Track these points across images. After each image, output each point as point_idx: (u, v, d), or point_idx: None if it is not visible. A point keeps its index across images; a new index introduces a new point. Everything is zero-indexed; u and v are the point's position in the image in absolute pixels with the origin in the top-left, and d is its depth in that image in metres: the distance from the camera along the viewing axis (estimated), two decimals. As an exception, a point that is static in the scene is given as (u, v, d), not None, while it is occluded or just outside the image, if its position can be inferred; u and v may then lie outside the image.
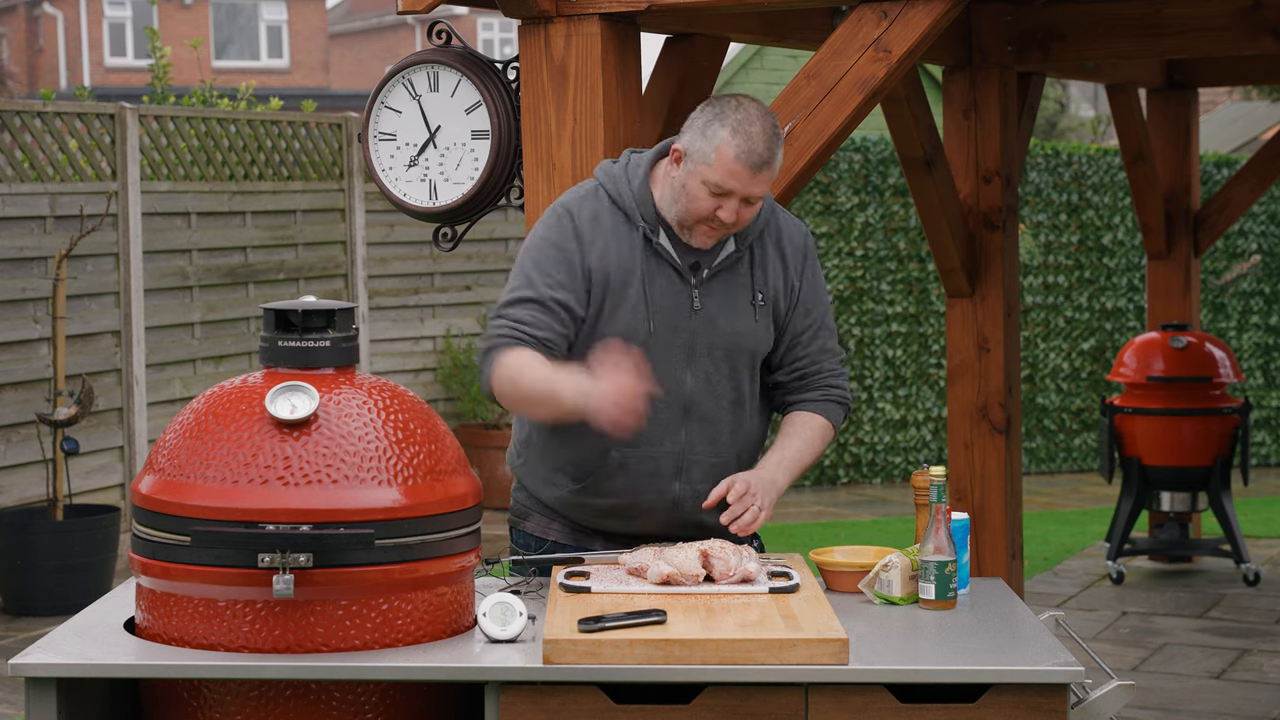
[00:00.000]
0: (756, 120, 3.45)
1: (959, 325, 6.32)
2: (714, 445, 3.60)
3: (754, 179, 3.44)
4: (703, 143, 3.47)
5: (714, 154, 3.44)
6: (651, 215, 3.55)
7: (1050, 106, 22.21)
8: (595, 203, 3.57)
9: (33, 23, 34.94)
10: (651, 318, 3.52)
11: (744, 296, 3.59)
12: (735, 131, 3.44)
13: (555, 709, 2.96)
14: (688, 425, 3.57)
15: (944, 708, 2.99)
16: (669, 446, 3.57)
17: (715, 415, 3.59)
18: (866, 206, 11.22)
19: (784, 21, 5.19)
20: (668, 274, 3.54)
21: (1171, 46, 6.27)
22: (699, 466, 3.59)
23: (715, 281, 3.57)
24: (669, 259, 3.55)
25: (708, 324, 3.56)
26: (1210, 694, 6.32)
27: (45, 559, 7.64)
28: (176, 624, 3.09)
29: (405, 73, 4.52)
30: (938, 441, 11.36)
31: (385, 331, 10.38)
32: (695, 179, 3.47)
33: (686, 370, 3.56)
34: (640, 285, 3.52)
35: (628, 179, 3.59)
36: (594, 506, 3.63)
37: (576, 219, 3.55)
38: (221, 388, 3.20)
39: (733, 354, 3.59)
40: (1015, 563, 6.34)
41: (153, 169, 8.88)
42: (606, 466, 3.57)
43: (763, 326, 3.61)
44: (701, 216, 3.49)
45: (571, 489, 3.63)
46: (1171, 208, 8.54)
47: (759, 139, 3.44)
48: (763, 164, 3.44)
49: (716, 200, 3.47)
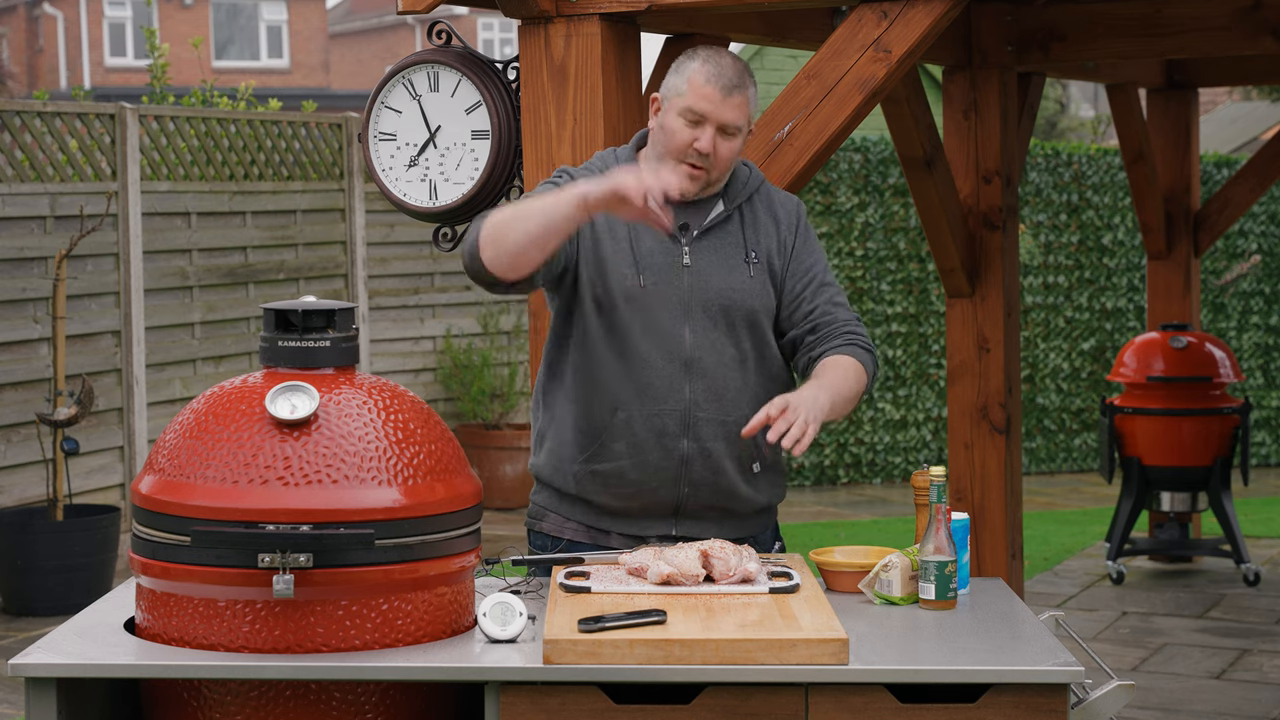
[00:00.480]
0: (725, 55, 3.59)
1: (959, 325, 6.33)
2: (720, 403, 3.61)
3: (725, 101, 3.54)
4: (675, 79, 3.59)
5: (685, 84, 3.56)
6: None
7: (1050, 106, 22.22)
8: (585, 173, 3.67)
9: (33, 23, 34.95)
10: (640, 272, 3.58)
11: (736, 254, 3.64)
12: (705, 61, 3.57)
13: (555, 709, 2.96)
14: (691, 382, 3.60)
15: (944, 708, 2.99)
16: (673, 404, 3.59)
17: (718, 372, 3.61)
18: (866, 206, 11.23)
19: (784, 21, 5.19)
20: (656, 233, 3.60)
21: (1171, 46, 6.27)
22: (706, 424, 3.60)
23: (705, 240, 3.63)
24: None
25: (700, 281, 3.61)
26: (1210, 694, 6.32)
27: (45, 559, 7.64)
28: (176, 624, 3.09)
29: (405, 73, 4.52)
30: (938, 441, 11.36)
31: (385, 331, 10.38)
32: (671, 113, 3.58)
33: (684, 326, 3.60)
34: (627, 242, 3.60)
35: (615, 156, 3.73)
36: (604, 475, 3.63)
37: (571, 173, 3.68)
38: (221, 388, 3.20)
39: (729, 311, 3.62)
40: (1015, 563, 6.34)
41: (153, 169, 8.88)
42: (613, 426, 3.60)
43: (758, 283, 3.65)
44: (681, 149, 3.56)
45: (581, 461, 3.64)
46: (1171, 208, 8.54)
47: (728, 66, 3.56)
48: (732, 87, 3.54)
49: (694, 131, 3.55)
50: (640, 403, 3.59)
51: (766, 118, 4.29)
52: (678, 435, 3.60)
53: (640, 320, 3.59)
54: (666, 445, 3.60)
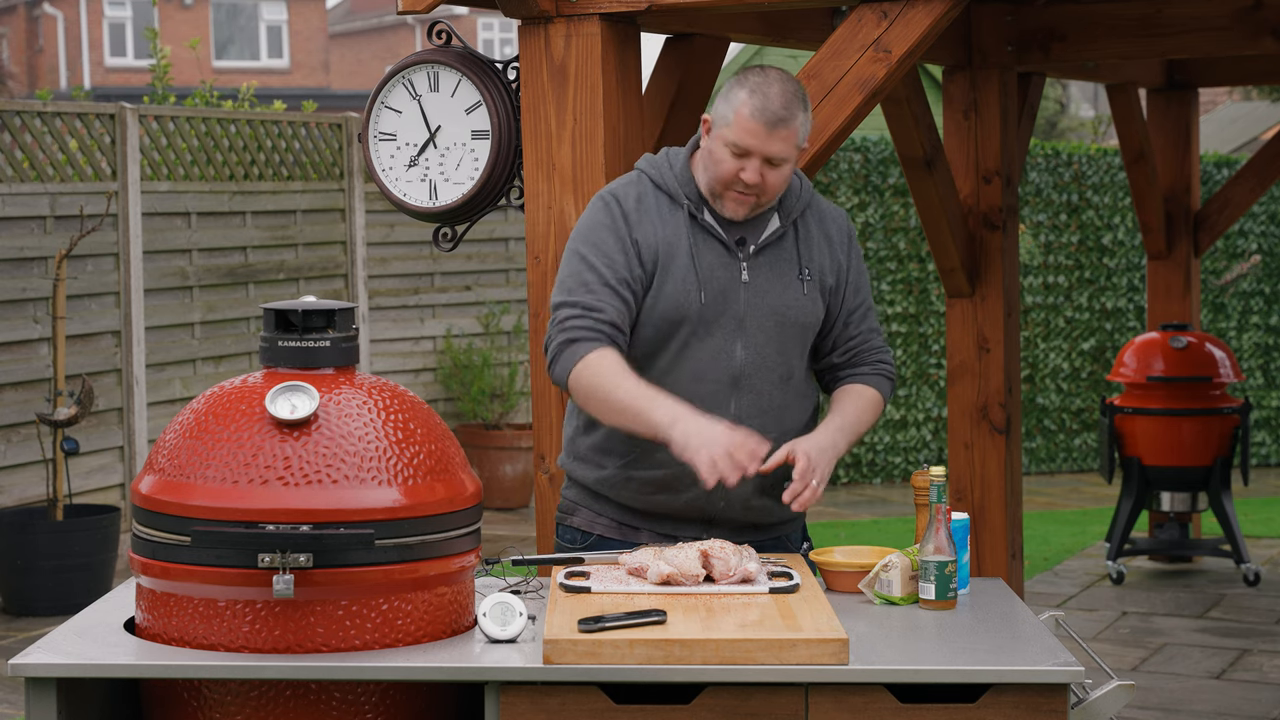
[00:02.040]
0: (775, 83, 3.53)
1: (959, 325, 6.33)
2: (763, 419, 3.60)
3: (770, 136, 3.50)
4: (724, 107, 3.55)
5: (732, 114, 3.53)
6: (694, 193, 3.63)
7: (1050, 106, 22.21)
8: (639, 187, 3.66)
9: (33, 23, 34.94)
10: (703, 288, 3.58)
11: (791, 271, 3.64)
12: (753, 92, 3.52)
13: (555, 709, 2.96)
14: (737, 398, 3.60)
15: (944, 708, 2.99)
16: (719, 418, 3.58)
17: (764, 389, 3.62)
18: (866, 206, 11.22)
19: (784, 21, 5.19)
20: (715, 248, 3.61)
21: (1171, 46, 6.27)
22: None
23: (762, 256, 3.63)
24: (715, 234, 3.61)
25: (758, 297, 3.61)
26: (1210, 694, 6.32)
27: (45, 559, 7.64)
28: (176, 624, 3.09)
29: (405, 73, 4.52)
30: (938, 441, 11.36)
31: (385, 331, 10.38)
32: (718, 142, 3.55)
33: (737, 342, 3.60)
34: (689, 258, 3.58)
35: (669, 163, 3.68)
36: (641, 480, 3.63)
37: (623, 202, 3.63)
38: (221, 388, 3.20)
39: (783, 327, 3.62)
40: (1015, 563, 6.34)
41: (153, 169, 8.88)
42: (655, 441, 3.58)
43: (811, 300, 3.65)
44: (726, 180, 3.55)
45: (618, 466, 3.64)
46: (1171, 208, 8.54)
47: (775, 98, 3.50)
48: (777, 121, 3.49)
49: (739, 162, 3.53)
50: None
51: (766, 118, 4.28)
52: None
53: (695, 335, 3.58)
54: None
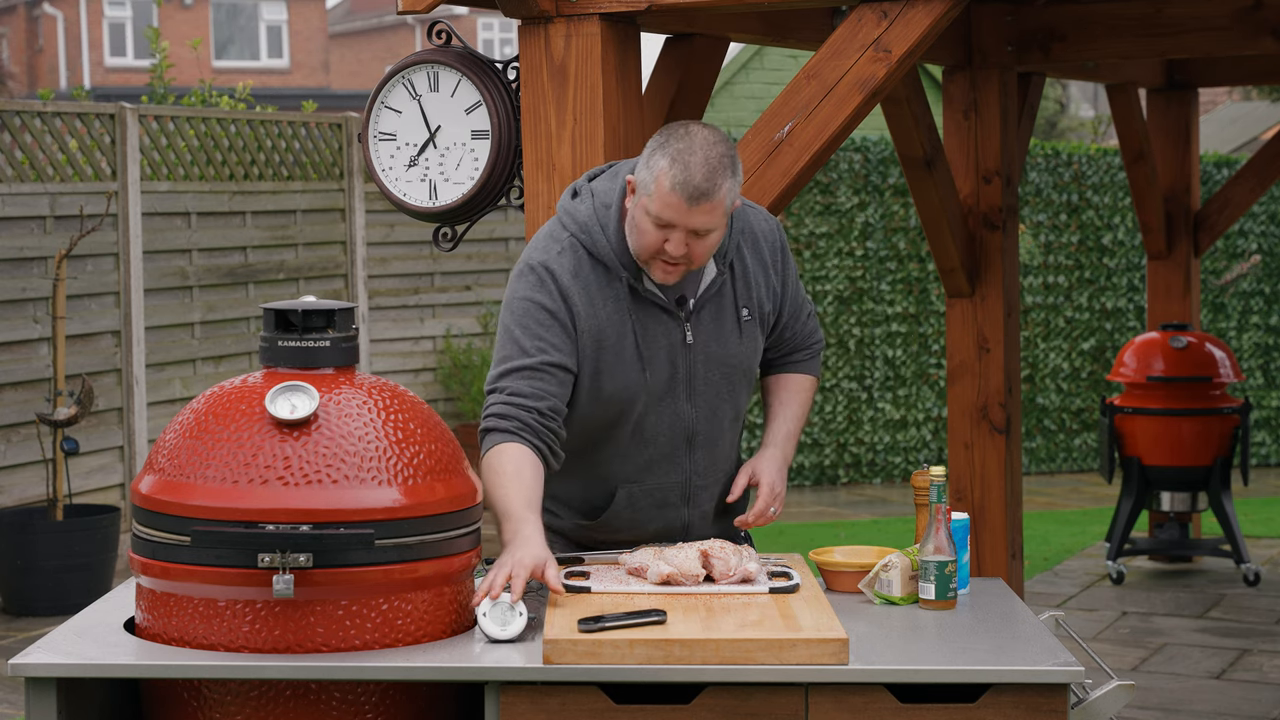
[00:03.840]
0: (699, 150, 3.31)
1: (959, 325, 6.32)
2: (715, 465, 3.62)
3: (690, 211, 3.30)
4: (645, 173, 3.35)
5: (653, 184, 3.32)
6: (631, 264, 3.45)
7: (1050, 106, 22.21)
8: (574, 257, 3.46)
9: (33, 23, 34.94)
10: (647, 367, 3.48)
11: (731, 316, 3.54)
12: (674, 161, 3.30)
13: (555, 709, 2.96)
14: (692, 454, 3.59)
15: (944, 708, 2.99)
16: (675, 477, 3.59)
17: (717, 438, 3.61)
18: (866, 206, 11.22)
19: (784, 21, 5.19)
20: (657, 317, 3.48)
21: (1171, 46, 6.27)
22: (704, 490, 3.62)
23: (703, 311, 3.52)
24: (656, 301, 3.47)
25: (702, 354, 3.53)
26: (1210, 694, 6.32)
27: (45, 559, 7.64)
28: (176, 624, 3.09)
29: (405, 73, 4.52)
30: (938, 441, 11.36)
31: (385, 331, 10.37)
32: (640, 210, 3.37)
33: (688, 403, 3.54)
34: (633, 337, 3.46)
35: (600, 226, 3.46)
36: (598, 538, 3.65)
37: (559, 279, 3.43)
38: (221, 388, 3.20)
39: (730, 376, 3.58)
40: (1015, 563, 6.34)
41: (153, 169, 8.88)
42: (614, 505, 3.59)
43: (751, 339, 3.59)
44: (651, 251, 3.38)
45: (578, 522, 3.64)
46: (1171, 208, 8.54)
47: (697, 169, 3.29)
48: (699, 195, 3.28)
49: (662, 233, 3.34)
50: (641, 480, 3.57)
51: (766, 117, 4.29)
52: (679, 505, 3.61)
53: (645, 408, 3.51)
54: (668, 515, 3.61)
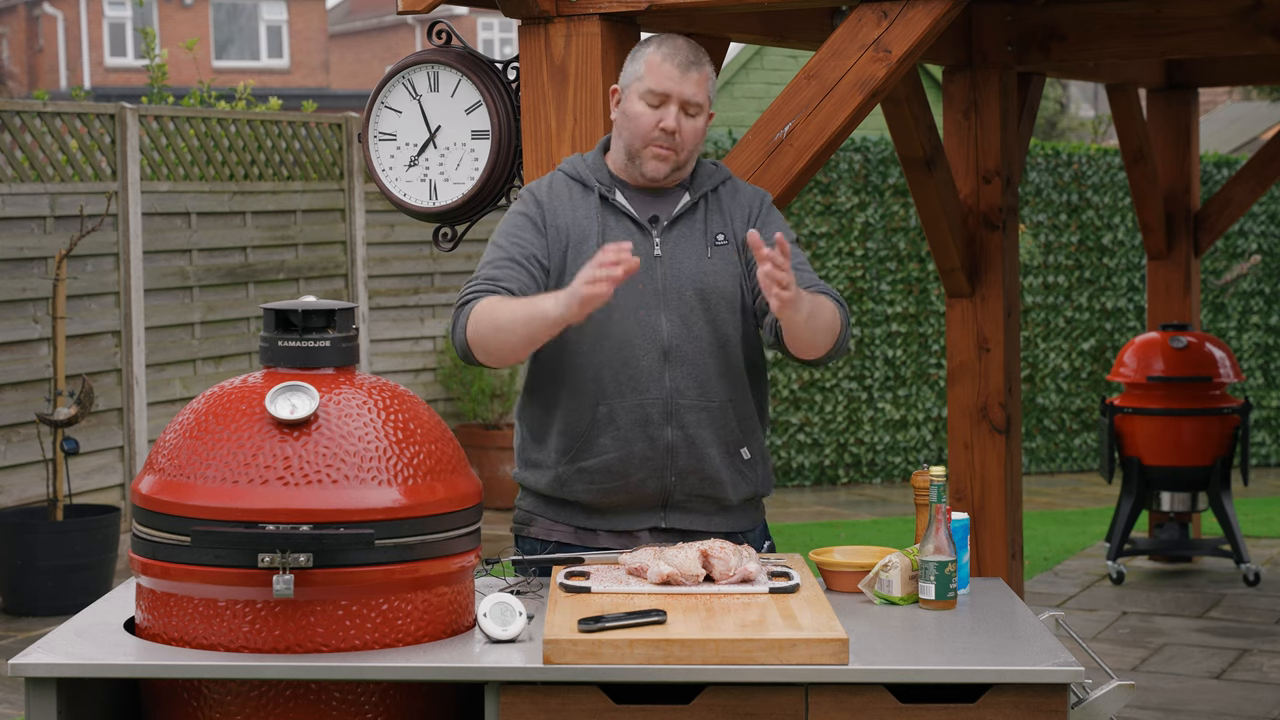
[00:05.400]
0: (679, 37, 3.69)
1: (959, 325, 6.32)
2: (702, 389, 3.65)
3: (684, 78, 3.62)
4: (631, 66, 3.69)
5: (644, 67, 3.65)
6: (606, 177, 3.72)
7: (1050, 106, 22.21)
8: (552, 179, 3.78)
9: (33, 23, 34.94)
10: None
11: (702, 240, 3.70)
12: (659, 43, 3.67)
13: (555, 709, 2.96)
14: (670, 369, 3.63)
15: (944, 708, 2.99)
16: (655, 393, 3.62)
17: (697, 358, 3.65)
18: (866, 206, 11.22)
19: (784, 21, 5.19)
20: (627, 227, 3.68)
21: (1171, 46, 6.27)
22: (689, 411, 3.63)
23: (675, 229, 3.70)
24: (627, 213, 3.69)
25: (673, 269, 3.66)
26: (1210, 694, 6.32)
27: (45, 559, 7.64)
28: (176, 624, 3.09)
29: (405, 73, 4.52)
30: (938, 441, 11.36)
31: (385, 331, 10.37)
32: (632, 98, 3.66)
33: (661, 315, 3.64)
34: (599, 238, 3.65)
35: (582, 158, 3.79)
36: (590, 470, 3.64)
37: (535, 191, 3.75)
38: (221, 388, 3.20)
39: (704, 295, 3.66)
40: (1015, 563, 6.34)
41: (153, 169, 8.88)
42: (597, 421, 3.62)
43: (727, 265, 3.69)
44: (646, 133, 3.63)
45: (566, 462, 3.66)
46: (1171, 208, 8.54)
47: (682, 45, 3.66)
48: (689, 63, 3.63)
49: (657, 113, 3.63)
50: (621, 395, 3.62)
51: (766, 117, 4.29)
52: (661, 424, 3.62)
53: (616, 313, 3.61)
54: (651, 434, 3.62)
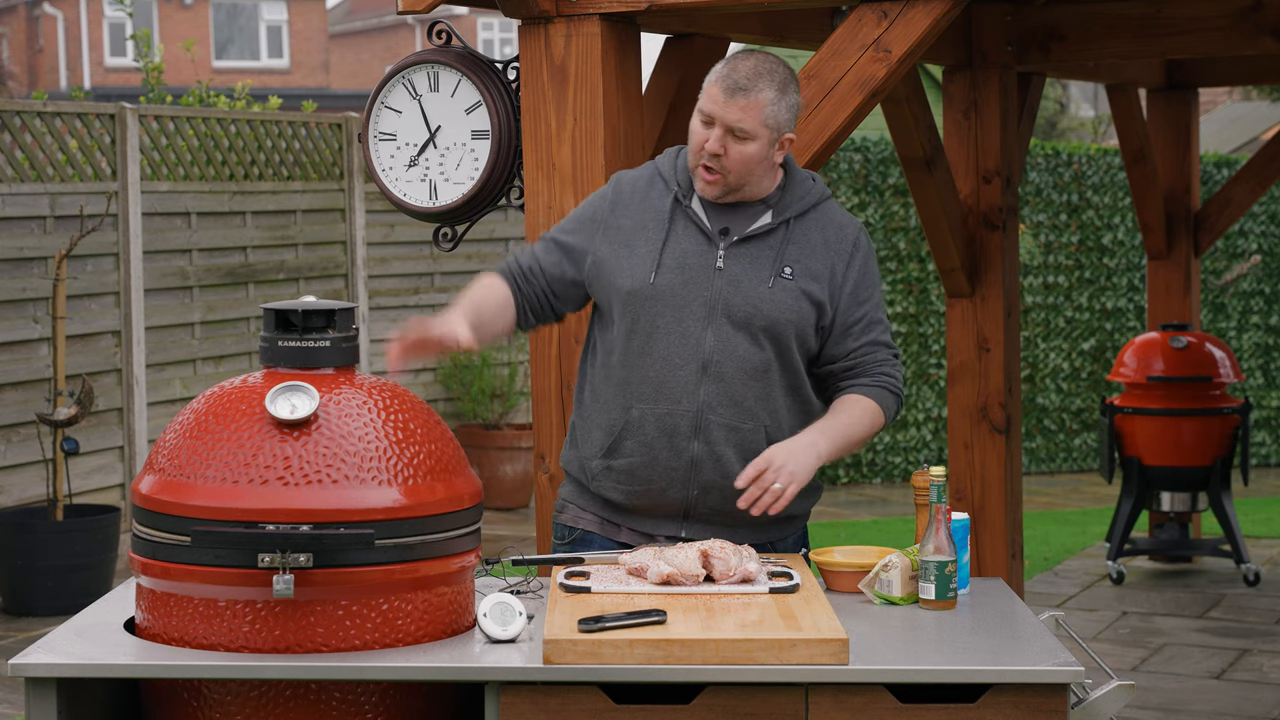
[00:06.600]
0: (752, 59, 3.60)
1: (959, 325, 6.32)
2: (736, 409, 3.60)
3: (728, 103, 3.55)
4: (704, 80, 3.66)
5: (706, 82, 3.62)
6: (685, 181, 3.69)
7: (1050, 106, 22.20)
8: (644, 172, 3.77)
9: (33, 23, 34.94)
10: (658, 269, 3.61)
11: (770, 267, 3.62)
12: (725, 61, 3.62)
13: (555, 709, 2.96)
14: (705, 384, 3.59)
15: (944, 708, 2.99)
16: (686, 405, 3.59)
17: (736, 378, 3.59)
18: (866, 206, 11.22)
19: (784, 21, 5.19)
20: (693, 235, 3.64)
21: (1171, 46, 6.27)
22: (719, 428, 3.59)
23: (744, 248, 3.63)
24: (697, 222, 3.65)
25: (731, 286, 3.60)
26: (1210, 694, 6.32)
27: (45, 559, 7.64)
28: (176, 624, 3.09)
29: (405, 73, 4.52)
30: (938, 441, 11.36)
31: (385, 331, 10.37)
32: (695, 112, 3.64)
33: (706, 328, 3.60)
34: (655, 241, 3.63)
35: (675, 155, 3.76)
36: (617, 470, 3.65)
37: (621, 181, 3.77)
38: (221, 388, 3.20)
39: (753, 321, 3.59)
40: (1015, 563, 6.34)
41: (153, 169, 8.88)
42: (628, 423, 3.62)
43: (790, 299, 3.60)
44: (695, 151, 3.62)
45: (600, 457, 3.67)
46: (1171, 208, 8.54)
47: (742, 70, 3.57)
48: (735, 89, 3.55)
49: (705, 131, 3.59)
50: (653, 401, 3.60)
51: (766, 118, 4.28)
52: (689, 436, 3.60)
53: (662, 319, 3.60)
54: (677, 445, 3.60)
